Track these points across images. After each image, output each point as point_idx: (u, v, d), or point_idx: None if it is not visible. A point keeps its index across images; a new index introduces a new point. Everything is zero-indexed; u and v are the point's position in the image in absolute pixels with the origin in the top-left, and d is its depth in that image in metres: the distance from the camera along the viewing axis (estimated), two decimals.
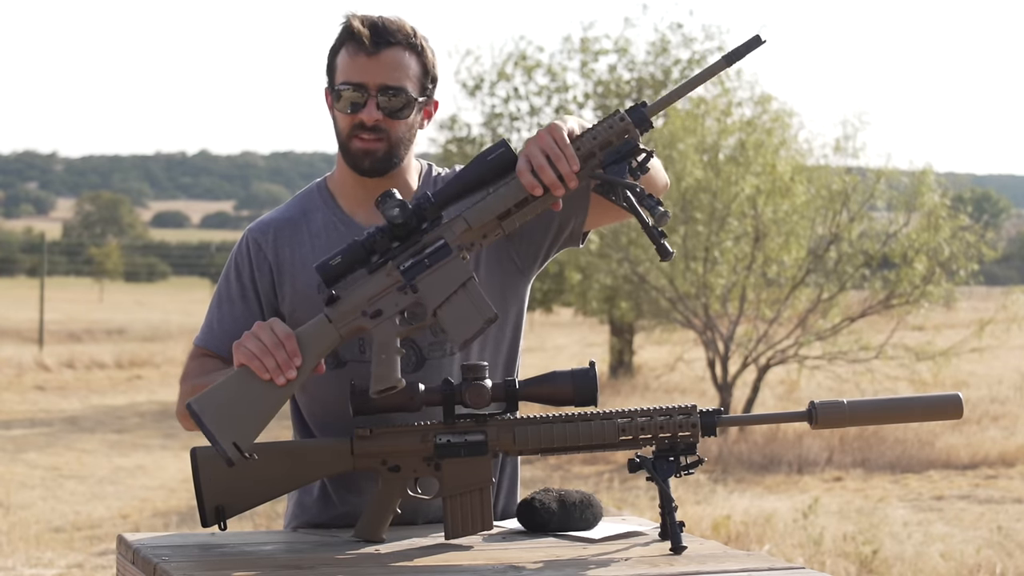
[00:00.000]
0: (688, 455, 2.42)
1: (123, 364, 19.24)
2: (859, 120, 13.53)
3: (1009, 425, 12.97)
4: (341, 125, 2.66)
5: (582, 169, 2.39)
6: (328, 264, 2.41)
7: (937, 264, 12.91)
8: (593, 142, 2.40)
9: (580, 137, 2.42)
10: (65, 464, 11.19)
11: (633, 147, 2.40)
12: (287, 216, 2.75)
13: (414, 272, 2.41)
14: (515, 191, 2.41)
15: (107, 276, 40.16)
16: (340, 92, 2.63)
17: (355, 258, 2.41)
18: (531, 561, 2.34)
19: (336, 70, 2.66)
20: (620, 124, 2.40)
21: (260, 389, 2.38)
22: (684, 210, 13.32)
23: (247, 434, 2.37)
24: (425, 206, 2.41)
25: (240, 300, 2.72)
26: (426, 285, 2.41)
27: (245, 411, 2.38)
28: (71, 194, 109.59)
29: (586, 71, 18.99)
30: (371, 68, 2.62)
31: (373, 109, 2.62)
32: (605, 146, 2.41)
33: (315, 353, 2.41)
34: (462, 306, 2.40)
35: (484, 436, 2.45)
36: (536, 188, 2.38)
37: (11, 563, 7.36)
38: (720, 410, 2.44)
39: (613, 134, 2.41)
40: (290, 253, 2.71)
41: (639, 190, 2.37)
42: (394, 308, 2.41)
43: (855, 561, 7.21)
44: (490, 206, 2.41)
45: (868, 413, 2.43)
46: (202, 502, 2.46)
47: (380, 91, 2.62)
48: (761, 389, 13.48)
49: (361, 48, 2.62)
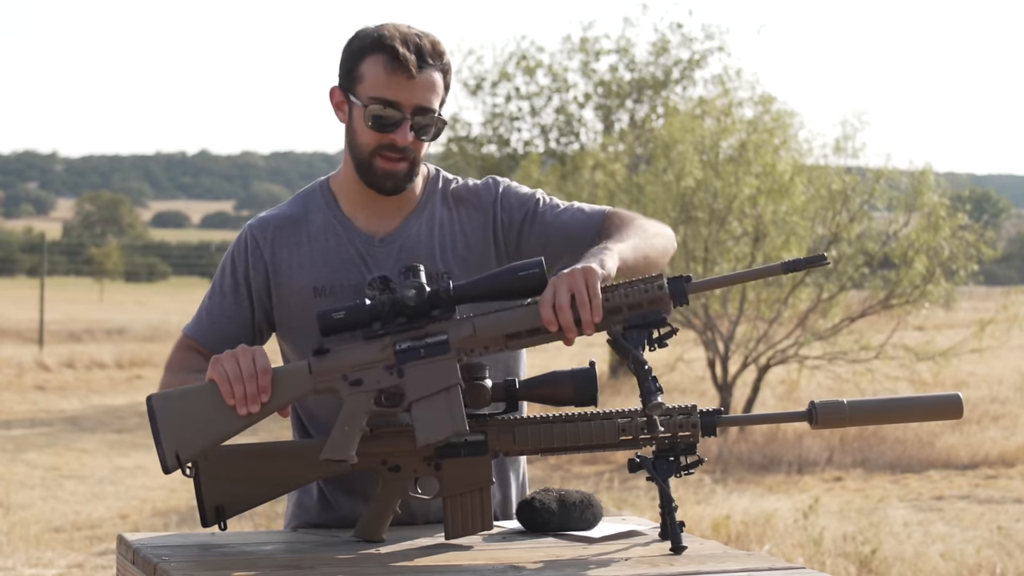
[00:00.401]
0: (688, 455, 2.41)
1: (123, 364, 19.23)
2: (859, 120, 13.55)
3: (1009, 425, 12.97)
4: (366, 140, 2.59)
5: (603, 321, 2.34)
6: (330, 315, 2.38)
7: (937, 264, 12.91)
8: (624, 300, 2.34)
9: (613, 289, 2.35)
10: (65, 464, 11.19)
11: (660, 319, 2.36)
12: (288, 214, 2.73)
13: (407, 357, 2.37)
14: (531, 317, 2.36)
15: (107, 276, 40.16)
16: (371, 107, 2.57)
17: (357, 319, 2.38)
18: (531, 561, 2.34)
19: (363, 79, 2.58)
20: (657, 292, 2.34)
21: (220, 411, 2.37)
22: (684, 210, 13.32)
23: (191, 448, 2.37)
24: (442, 295, 2.37)
25: (232, 295, 2.70)
26: (413, 374, 2.37)
27: (199, 426, 2.37)
28: (71, 194, 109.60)
29: (587, 71, 19.00)
30: (409, 89, 2.55)
31: (407, 131, 2.57)
32: (634, 307, 2.35)
33: (286, 396, 2.39)
34: (439, 409, 2.35)
35: (484, 436, 2.45)
36: (552, 325, 2.33)
37: (11, 563, 7.36)
38: (720, 410, 2.43)
39: (646, 299, 2.35)
40: (288, 254, 2.69)
41: (647, 368, 2.33)
42: (375, 384, 2.38)
43: (855, 561, 7.21)
44: (502, 323, 2.37)
45: (868, 413, 2.43)
46: (202, 502, 2.46)
47: (415, 113, 2.57)
48: (761, 389, 13.48)
49: (402, 69, 2.55)
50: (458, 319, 2.38)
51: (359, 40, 2.61)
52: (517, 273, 2.36)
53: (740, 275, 2.44)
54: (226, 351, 2.42)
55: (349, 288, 2.63)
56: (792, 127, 14.07)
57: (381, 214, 2.68)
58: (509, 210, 2.69)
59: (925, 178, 13.02)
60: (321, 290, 2.65)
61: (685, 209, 13.29)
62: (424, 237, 2.67)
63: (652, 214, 13.54)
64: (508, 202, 2.70)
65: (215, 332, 2.68)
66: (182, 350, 2.71)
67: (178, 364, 2.67)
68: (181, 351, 2.71)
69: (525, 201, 2.70)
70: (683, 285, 2.36)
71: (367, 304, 2.37)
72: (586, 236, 2.63)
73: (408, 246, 2.66)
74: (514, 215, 2.69)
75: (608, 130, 18.71)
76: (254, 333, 2.71)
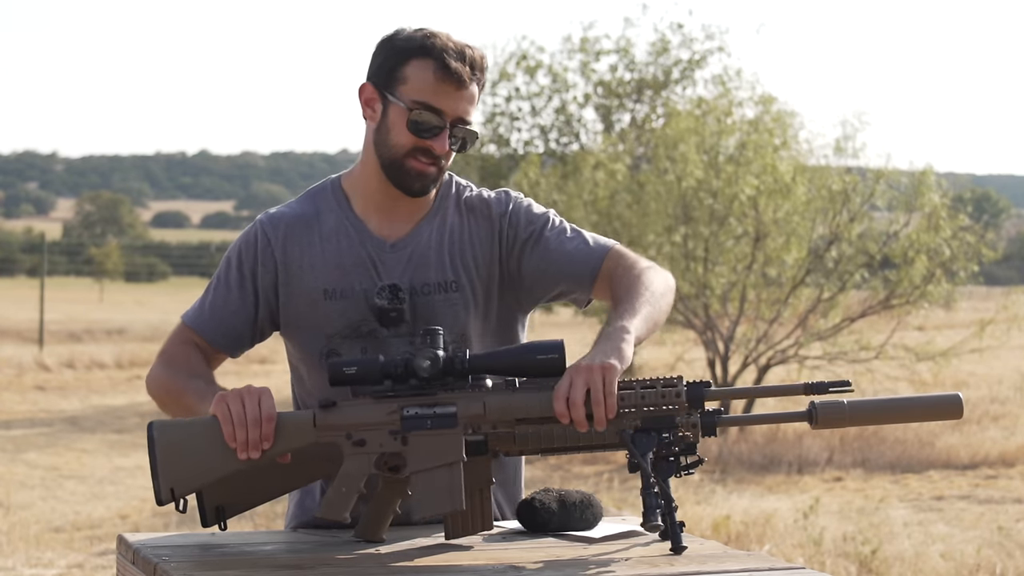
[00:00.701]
0: (688, 455, 2.40)
1: (123, 364, 19.23)
2: (859, 120, 13.57)
3: (1009, 425, 12.97)
4: (402, 141, 2.59)
5: (616, 419, 2.33)
6: (341, 368, 2.35)
7: (937, 264, 12.91)
8: (640, 401, 2.33)
9: (631, 390, 2.33)
10: (65, 464, 11.19)
11: (672, 423, 2.33)
12: (300, 213, 2.71)
13: (413, 424, 2.35)
14: (543, 405, 2.33)
15: (107, 276, 40.16)
16: (415, 112, 2.57)
17: (368, 376, 2.35)
18: (531, 561, 2.34)
19: (407, 81, 2.58)
20: (674, 399, 2.32)
21: (220, 450, 2.36)
22: (685, 210, 13.32)
23: (187, 485, 2.37)
24: (457, 365, 2.35)
25: (237, 289, 2.69)
26: (417, 444, 2.34)
27: (197, 463, 2.37)
28: (71, 194, 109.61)
29: (586, 71, 18.99)
30: (455, 100, 2.57)
31: (445, 140, 2.58)
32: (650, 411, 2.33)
33: (287, 445, 2.38)
34: (440, 483, 2.33)
35: (483, 436, 2.44)
36: (564, 417, 2.32)
37: (11, 563, 7.36)
38: (720, 410, 2.40)
39: (663, 402, 2.33)
40: (299, 253, 2.67)
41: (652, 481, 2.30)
42: (377, 447, 2.36)
43: (855, 561, 7.20)
44: (514, 406, 2.35)
45: (868, 413, 2.41)
46: (202, 502, 2.45)
47: (455, 123, 2.59)
48: None
49: (451, 78, 2.55)
50: (470, 392, 2.36)
51: (404, 41, 2.61)
52: (535, 356, 2.34)
53: (761, 389, 2.42)
54: (233, 389, 2.40)
55: (359, 292, 2.63)
56: (792, 127, 14.08)
57: (394, 217, 2.67)
58: (515, 227, 2.68)
59: (925, 178, 13.02)
60: (332, 293, 2.64)
61: (686, 209, 13.28)
62: (435, 243, 2.66)
63: (653, 214, 13.54)
64: (516, 219, 2.69)
65: (217, 325, 2.67)
66: (181, 343, 2.69)
67: (179, 361, 2.65)
68: (179, 344, 2.69)
69: (533, 221, 2.69)
70: (702, 391, 2.34)
71: (380, 361, 2.35)
72: (586, 271, 2.63)
73: (419, 252, 2.65)
74: (519, 233, 2.68)
75: (608, 130, 18.71)
76: (255, 330, 2.70)
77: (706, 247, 13.21)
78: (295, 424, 2.37)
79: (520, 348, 2.37)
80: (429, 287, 2.63)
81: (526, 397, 2.34)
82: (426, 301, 2.63)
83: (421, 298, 2.63)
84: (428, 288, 2.63)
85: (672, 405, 2.32)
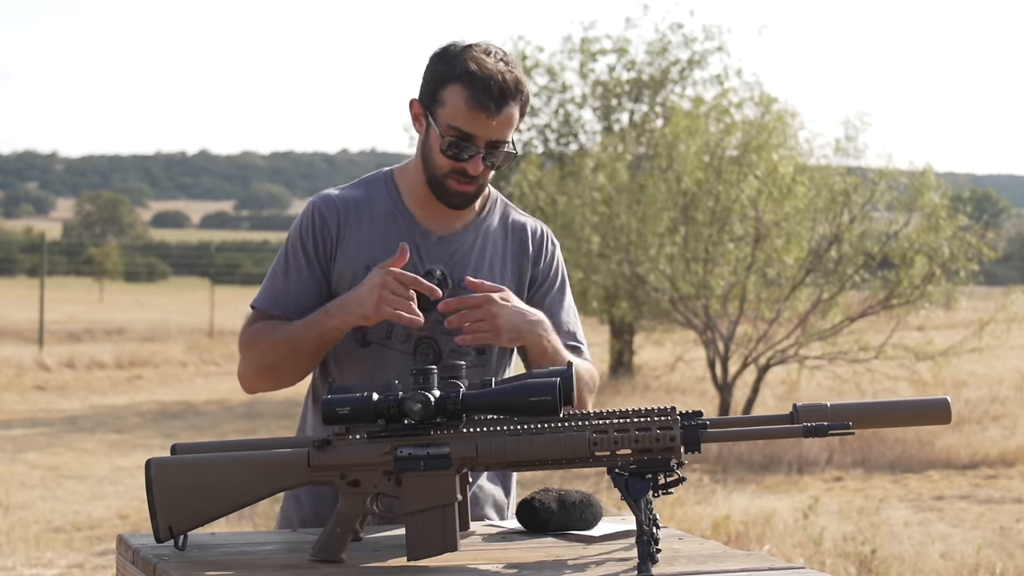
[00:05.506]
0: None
1: (123, 364, 19.24)
2: (860, 121, 13.56)
3: (1009, 425, 12.97)
4: (440, 163, 2.68)
5: (611, 457, 2.29)
6: (334, 408, 2.32)
7: (937, 264, 12.90)
8: (635, 445, 2.28)
9: (625, 432, 2.28)
10: (65, 464, 11.18)
11: (665, 465, 2.27)
12: (352, 196, 2.79)
13: (406, 466, 2.32)
14: (535, 449, 2.30)
15: (107, 276, 40.16)
16: (448, 137, 2.65)
17: (361, 415, 2.32)
18: (531, 561, 2.34)
19: (444, 105, 2.66)
20: (668, 442, 2.27)
21: (221, 487, 2.37)
22: (685, 211, 13.32)
23: (187, 522, 2.38)
24: (449, 405, 2.32)
25: (305, 267, 2.76)
26: (410, 486, 2.32)
27: (195, 502, 2.37)
28: (71, 194, 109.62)
29: (583, 71, 18.97)
30: (487, 127, 2.64)
31: (479, 162, 2.66)
32: (644, 451, 2.28)
33: (281, 485, 2.39)
34: (432, 525, 2.31)
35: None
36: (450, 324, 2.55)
37: (11, 563, 7.36)
38: (705, 423, 2.30)
39: (658, 445, 2.27)
40: (350, 233, 2.75)
41: (646, 529, 2.24)
42: (371, 488, 2.35)
43: (855, 561, 7.20)
44: (507, 451, 2.32)
45: (851, 416, 2.32)
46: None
47: (489, 146, 2.66)
48: (761, 389, 13.48)
49: (482, 108, 2.62)
50: (464, 433, 2.33)
51: (446, 64, 2.67)
52: (528, 397, 2.29)
53: (759, 431, 2.37)
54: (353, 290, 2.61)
55: None
56: (793, 128, 14.07)
57: (441, 216, 2.77)
58: (534, 266, 2.83)
59: (925, 178, 13.02)
60: None
61: (686, 210, 13.28)
62: (477, 248, 2.77)
63: (653, 214, 13.54)
64: (538, 258, 2.83)
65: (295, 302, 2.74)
66: (260, 322, 2.75)
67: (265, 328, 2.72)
68: (259, 323, 2.75)
69: (548, 273, 2.84)
70: (697, 431, 2.28)
71: (373, 400, 2.32)
72: None
73: (462, 251, 2.76)
74: (536, 274, 2.82)
75: (608, 130, 18.69)
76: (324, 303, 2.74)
77: (706, 248, 13.20)
78: (289, 464, 2.37)
79: (514, 387, 2.31)
80: (464, 287, 2.69)
81: (517, 441, 2.31)
82: (459, 296, 2.68)
83: (457, 292, 2.69)
84: (463, 288, 2.69)
85: (667, 449, 2.27)
